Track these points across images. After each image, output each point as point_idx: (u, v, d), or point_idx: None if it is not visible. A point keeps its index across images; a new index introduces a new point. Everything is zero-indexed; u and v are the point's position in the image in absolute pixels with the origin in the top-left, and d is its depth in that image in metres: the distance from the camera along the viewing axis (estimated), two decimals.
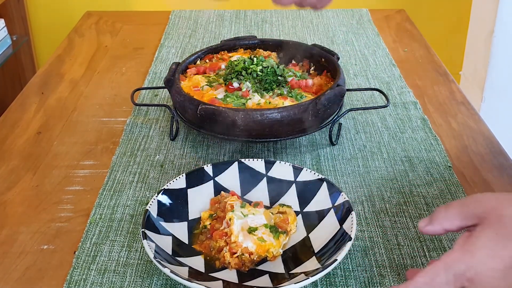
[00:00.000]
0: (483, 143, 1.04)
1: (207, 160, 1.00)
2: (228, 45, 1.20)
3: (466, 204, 0.63)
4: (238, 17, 1.65)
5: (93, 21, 1.65)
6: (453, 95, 1.22)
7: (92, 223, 0.86)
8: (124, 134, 1.08)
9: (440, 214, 0.64)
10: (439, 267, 0.59)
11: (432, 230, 0.64)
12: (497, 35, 1.96)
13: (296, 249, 0.79)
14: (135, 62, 1.39)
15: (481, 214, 0.61)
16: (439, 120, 1.12)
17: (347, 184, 0.93)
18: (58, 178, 0.96)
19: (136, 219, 0.87)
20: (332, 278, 0.75)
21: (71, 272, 0.77)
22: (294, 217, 0.82)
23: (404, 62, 1.36)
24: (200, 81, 1.07)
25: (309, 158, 1.00)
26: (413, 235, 0.83)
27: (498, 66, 1.99)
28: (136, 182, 0.95)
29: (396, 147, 1.03)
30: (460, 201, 0.64)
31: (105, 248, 0.81)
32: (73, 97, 1.23)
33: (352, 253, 0.79)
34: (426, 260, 0.78)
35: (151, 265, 0.78)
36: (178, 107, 1.02)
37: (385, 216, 0.86)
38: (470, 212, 0.62)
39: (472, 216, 0.62)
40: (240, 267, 0.75)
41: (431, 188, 0.92)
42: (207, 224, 0.82)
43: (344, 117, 1.08)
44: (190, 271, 0.73)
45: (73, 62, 1.39)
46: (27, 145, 1.06)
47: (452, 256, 0.59)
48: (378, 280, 0.75)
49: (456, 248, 0.60)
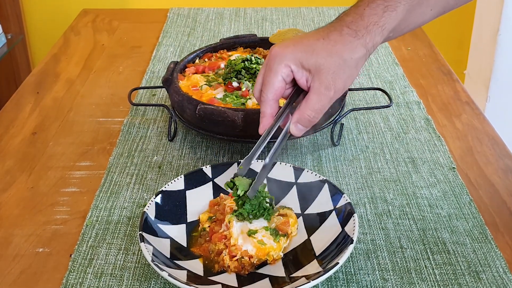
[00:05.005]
0: (488, 143, 1.04)
1: (206, 161, 0.99)
2: (227, 43, 1.19)
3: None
4: (238, 15, 1.64)
5: (90, 19, 1.64)
6: (457, 94, 1.21)
7: (88, 225, 0.85)
8: (121, 134, 1.07)
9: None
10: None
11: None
12: (502, 34, 1.95)
13: (297, 252, 0.78)
14: (132, 61, 1.38)
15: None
16: (443, 120, 1.11)
17: (349, 186, 0.92)
18: (54, 180, 0.95)
19: (134, 221, 0.86)
20: (333, 282, 0.75)
21: (67, 276, 0.76)
22: (295, 220, 0.81)
23: (407, 61, 1.36)
24: (199, 81, 1.06)
25: (310, 159, 0.99)
26: (416, 237, 0.82)
27: (504, 65, 1.99)
28: (134, 183, 0.94)
29: (399, 147, 1.02)
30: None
31: (101, 251, 0.80)
32: (69, 97, 1.22)
33: (354, 256, 0.79)
34: (429, 263, 0.77)
35: (148, 269, 0.77)
36: (176, 107, 1.02)
37: (388, 218, 0.85)
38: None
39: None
40: (239, 270, 0.75)
41: (434, 190, 0.91)
42: (206, 226, 0.81)
43: (346, 117, 1.07)
44: (189, 275, 0.73)
45: (69, 61, 1.38)
46: (22, 146, 1.05)
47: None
48: (380, 284, 0.74)
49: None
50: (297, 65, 0.73)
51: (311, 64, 0.72)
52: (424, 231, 0.83)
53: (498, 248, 0.80)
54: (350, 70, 0.72)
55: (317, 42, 0.72)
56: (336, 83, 0.72)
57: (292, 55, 0.73)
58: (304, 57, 0.72)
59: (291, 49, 0.73)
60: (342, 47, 0.71)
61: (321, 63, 0.71)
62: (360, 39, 0.71)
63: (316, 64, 0.72)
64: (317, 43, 0.72)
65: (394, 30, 0.74)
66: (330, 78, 0.71)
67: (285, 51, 0.73)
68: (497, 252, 0.79)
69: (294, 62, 0.73)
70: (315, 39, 0.73)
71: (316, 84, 0.72)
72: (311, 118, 0.74)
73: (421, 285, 0.74)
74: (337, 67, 0.71)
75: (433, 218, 0.85)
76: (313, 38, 0.73)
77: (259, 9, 1.68)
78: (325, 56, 0.71)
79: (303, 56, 0.72)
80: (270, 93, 0.75)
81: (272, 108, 0.76)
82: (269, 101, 0.76)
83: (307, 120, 0.74)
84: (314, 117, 0.74)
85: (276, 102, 0.76)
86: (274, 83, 0.74)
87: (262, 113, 0.77)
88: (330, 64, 0.71)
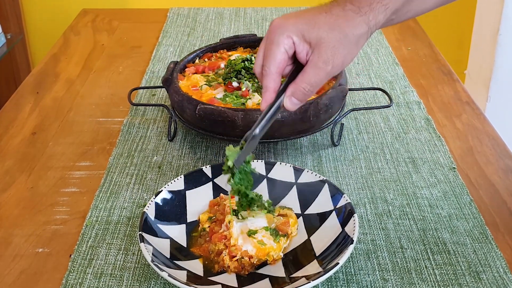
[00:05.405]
0: (488, 143, 1.03)
1: (206, 161, 0.99)
2: (227, 43, 1.19)
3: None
4: (238, 14, 1.64)
5: (89, 19, 1.64)
6: (457, 94, 1.21)
7: (88, 225, 0.85)
8: (121, 134, 1.07)
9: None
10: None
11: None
12: (503, 33, 1.95)
13: (297, 252, 0.78)
14: (132, 61, 1.38)
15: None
16: (443, 120, 1.11)
17: (349, 186, 0.92)
18: (54, 180, 0.95)
19: (133, 221, 0.85)
20: (333, 282, 0.74)
21: (67, 276, 0.76)
22: (295, 220, 0.81)
23: (407, 61, 1.35)
24: (198, 81, 1.06)
25: (311, 159, 0.99)
26: (416, 238, 0.82)
27: (504, 65, 1.99)
28: (133, 183, 0.93)
29: (399, 148, 1.02)
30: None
31: (101, 251, 0.80)
32: (69, 97, 1.21)
33: (354, 256, 0.78)
34: (430, 264, 0.77)
35: (148, 269, 0.77)
36: (176, 107, 1.01)
37: (388, 219, 0.85)
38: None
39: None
40: (239, 270, 0.75)
41: (435, 190, 0.91)
42: (206, 226, 0.81)
43: (346, 117, 1.07)
44: (189, 275, 0.73)
45: (69, 61, 1.38)
46: (22, 146, 1.05)
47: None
48: (381, 284, 0.74)
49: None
50: (299, 37, 0.71)
51: (312, 37, 0.70)
52: (425, 231, 0.83)
53: (498, 248, 0.80)
54: (350, 46, 0.71)
55: (319, 16, 0.71)
56: (335, 58, 0.71)
57: (294, 26, 0.71)
58: (306, 29, 0.71)
59: (293, 21, 0.72)
60: (344, 22, 0.70)
61: (322, 36, 0.70)
62: (362, 16, 0.70)
63: (317, 37, 0.70)
64: (319, 17, 0.71)
65: (396, 13, 0.73)
66: (330, 52, 0.70)
67: (287, 23, 0.72)
68: (497, 252, 0.79)
69: (296, 34, 0.71)
70: (317, 13, 0.71)
71: (315, 57, 0.71)
72: (306, 91, 0.72)
73: (421, 285, 0.74)
74: (338, 42, 0.70)
75: (434, 218, 0.85)
76: (315, 11, 0.72)
77: (259, 9, 1.68)
78: (326, 30, 0.70)
79: (304, 28, 0.71)
80: (273, 66, 0.73)
81: (275, 82, 0.74)
82: (272, 75, 0.73)
83: (302, 93, 0.73)
84: (309, 91, 0.72)
85: (279, 76, 0.74)
86: (277, 55, 0.72)
87: (265, 87, 0.74)
88: (330, 38, 0.70)
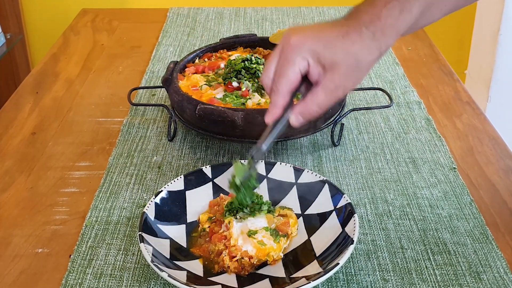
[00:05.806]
0: (488, 144, 1.03)
1: (205, 161, 0.99)
2: (227, 43, 1.19)
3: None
4: (238, 14, 1.64)
5: (89, 18, 1.64)
6: (458, 94, 1.20)
7: (88, 226, 0.85)
8: (121, 134, 1.06)
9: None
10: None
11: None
12: (503, 33, 1.95)
13: (297, 252, 0.78)
14: (132, 60, 1.38)
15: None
16: (443, 120, 1.11)
17: (349, 186, 0.92)
18: (53, 180, 0.95)
19: (133, 221, 0.85)
20: (334, 283, 0.74)
21: (67, 276, 0.76)
22: (295, 220, 0.81)
23: (408, 61, 1.35)
24: (198, 81, 1.06)
25: (311, 159, 0.99)
26: (417, 238, 0.81)
27: (505, 65, 1.99)
28: (133, 184, 0.93)
29: (399, 148, 1.02)
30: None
31: (101, 252, 0.80)
32: (68, 97, 1.21)
33: (354, 256, 0.78)
34: (430, 264, 0.77)
35: (148, 269, 0.76)
36: (176, 107, 1.01)
37: (388, 219, 0.85)
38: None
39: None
40: (239, 271, 0.75)
41: (435, 190, 0.91)
42: (205, 227, 0.81)
43: (346, 117, 1.07)
44: (188, 275, 0.73)
45: (69, 61, 1.38)
46: (22, 146, 1.05)
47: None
48: (381, 284, 0.74)
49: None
50: (314, 59, 0.70)
51: (327, 61, 0.70)
52: (425, 231, 0.83)
53: (499, 248, 0.79)
54: (361, 72, 0.71)
55: (336, 39, 0.70)
56: (347, 83, 0.71)
57: (310, 48, 0.70)
58: (321, 52, 0.70)
59: (310, 42, 0.70)
60: (359, 49, 0.70)
61: (337, 62, 0.70)
62: (376, 42, 0.70)
63: (332, 61, 0.70)
64: (337, 40, 0.70)
65: (404, 32, 0.73)
66: (343, 78, 0.70)
67: (304, 43, 0.71)
68: (498, 252, 0.79)
69: (312, 56, 0.70)
70: (335, 36, 0.70)
71: (327, 81, 0.71)
72: (315, 113, 0.73)
73: (422, 285, 0.74)
74: (351, 68, 0.70)
75: (434, 218, 0.85)
76: (332, 33, 0.71)
77: (259, 9, 1.67)
78: (342, 55, 0.70)
79: (321, 51, 0.70)
80: (286, 84, 0.72)
81: (285, 99, 0.73)
82: (282, 93, 0.73)
83: (310, 114, 0.73)
84: (317, 112, 0.73)
85: (289, 94, 0.73)
86: (291, 75, 0.71)
87: (274, 102, 0.73)
88: (345, 64, 0.70)
